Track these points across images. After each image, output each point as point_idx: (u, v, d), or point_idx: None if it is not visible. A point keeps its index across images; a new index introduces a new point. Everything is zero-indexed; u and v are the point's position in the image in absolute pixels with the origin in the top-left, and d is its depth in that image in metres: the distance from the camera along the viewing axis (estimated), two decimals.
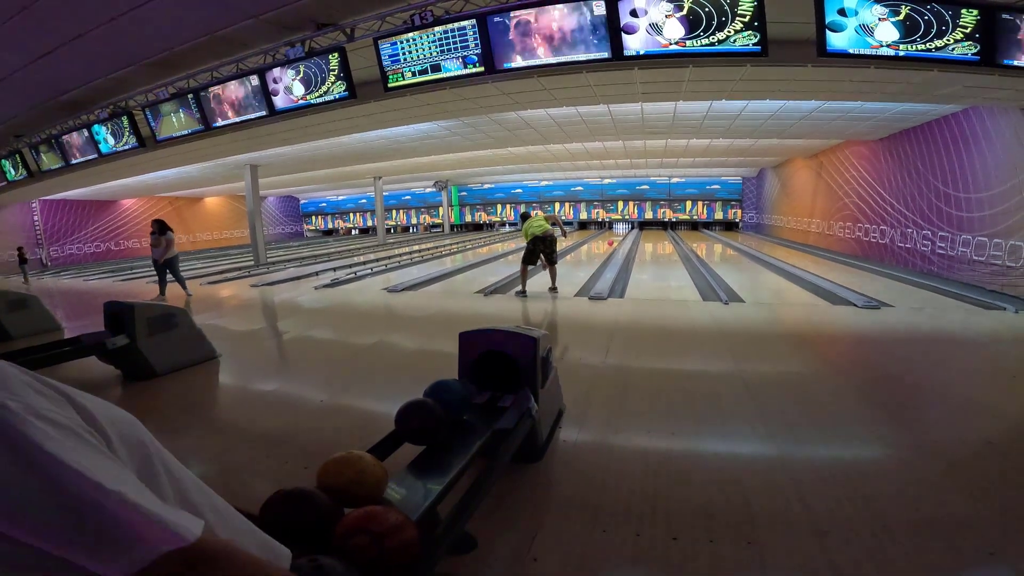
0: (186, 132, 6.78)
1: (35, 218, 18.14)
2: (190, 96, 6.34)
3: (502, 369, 2.58)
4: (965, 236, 8.26)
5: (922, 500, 2.20)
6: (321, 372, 4.35)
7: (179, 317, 4.51)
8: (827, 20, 3.75)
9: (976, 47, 3.81)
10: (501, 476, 2.12)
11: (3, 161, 9.78)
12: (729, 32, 3.81)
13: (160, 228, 8.63)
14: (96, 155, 8.02)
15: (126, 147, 7.58)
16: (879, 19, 3.76)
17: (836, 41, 3.79)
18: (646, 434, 2.93)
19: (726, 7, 3.77)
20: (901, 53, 3.83)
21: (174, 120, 6.75)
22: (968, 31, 3.78)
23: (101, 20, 4.74)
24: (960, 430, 2.96)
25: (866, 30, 3.77)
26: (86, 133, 7.81)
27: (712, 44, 3.89)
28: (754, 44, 3.80)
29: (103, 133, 7.64)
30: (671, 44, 3.99)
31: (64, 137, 8.21)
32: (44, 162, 9.01)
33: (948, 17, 3.75)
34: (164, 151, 8.93)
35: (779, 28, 4.16)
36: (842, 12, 3.76)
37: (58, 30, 4.93)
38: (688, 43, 3.94)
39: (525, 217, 7.67)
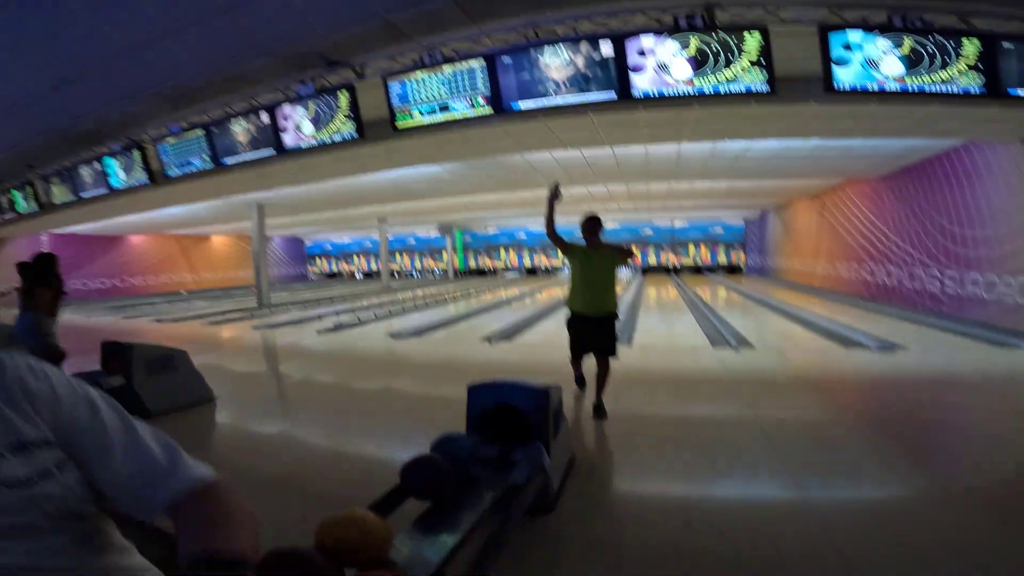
0: (196, 168, 6.84)
1: (42, 251, 18.25)
2: (201, 132, 6.42)
3: (512, 422, 2.50)
4: (974, 274, 8.16)
5: (957, 536, 2.15)
6: (323, 418, 4.24)
7: (178, 359, 4.43)
8: (833, 55, 3.78)
9: (981, 78, 3.82)
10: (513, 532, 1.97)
11: (14, 192, 9.82)
12: (736, 70, 3.84)
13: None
14: (107, 190, 8.05)
15: (136, 183, 7.63)
16: (884, 53, 3.78)
17: (843, 76, 3.82)
18: (663, 482, 2.81)
19: (732, 44, 3.83)
20: (908, 88, 3.84)
21: (184, 156, 6.82)
22: (971, 62, 3.80)
23: (121, 51, 4.86)
24: (988, 468, 2.92)
25: (872, 64, 3.80)
26: (97, 166, 7.85)
27: (719, 82, 3.92)
28: (763, 82, 3.82)
29: (114, 167, 7.68)
30: (679, 83, 4.02)
31: (75, 170, 8.24)
32: (55, 194, 9.06)
33: (951, 48, 3.78)
34: (173, 187, 9.06)
35: (784, 65, 4.20)
36: (847, 47, 3.80)
37: (79, 59, 5.03)
38: (696, 82, 3.98)
39: (567, 249, 3.97)
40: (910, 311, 9.55)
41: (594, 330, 3.78)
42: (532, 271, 26.65)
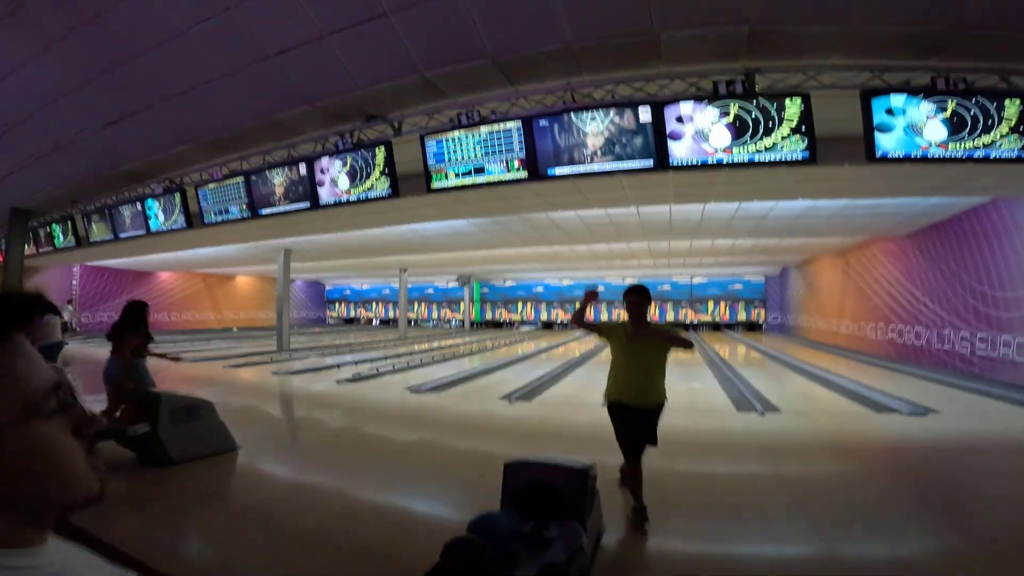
0: (233, 216, 6.96)
1: (73, 282, 18.67)
2: (240, 179, 6.55)
3: (548, 498, 2.51)
4: (1006, 336, 7.93)
5: None
6: (344, 471, 4.22)
7: (204, 410, 4.48)
8: (875, 121, 3.77)
9: (1022, 140, 3.75)
10: None
11: (55, 226, 10.06)
12: (776, 138, 3.86)
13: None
14: (144, 231, 8.16)
15: (174, 227, 7.75)
16: (927, 117, 3.76)
17: (885, 143, 3.79)
18: (694, 548, 2.78)
19: (772, 112, 3.85)
20: (951, 154, 3.78)
21: (222, 203, 6.96)
22: (1013, 124, 3.74)
23: (169, 94, 5.04)
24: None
25: (915, 130, 3.77)
26: (138, 207, 7.97)
27: (759, 151, 3.93)
28: (803, 150, 3.82)
29: (155, 209, 7.79)
30: (717, 152, 4.04)
31: (116, 209, 8.38)
32: (94, 232, 9.23)
33: (993, 110, 3.74)
34: (204, 231, 9.26)
35: (823, 127, 4.20)
36: (889, 112, 3.78)
37: (131, 98, 5.21)
38: (735, 151, 3.98)
39: (602, 331, 3.46)
40: (940, 372, 9.23)
41: (635, 420, 3.10)
42: (548, 325, 26.50)
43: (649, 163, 4.22)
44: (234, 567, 2.59)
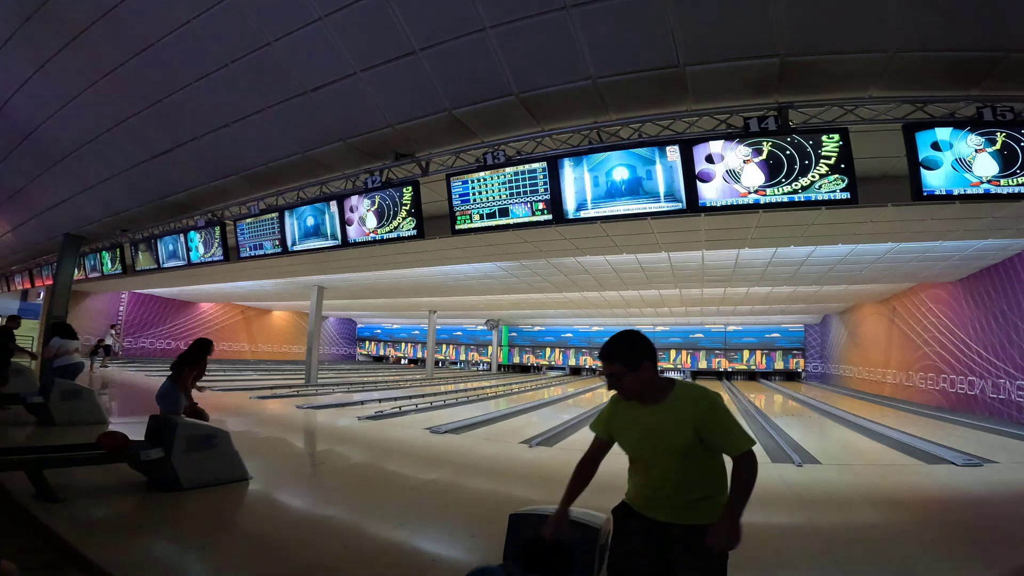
0: (266, 251, 7.11)
1: (121, 308, 19.44)
2: (275, 215, 6.75)
3: (553, 553, 2.24)
4: None
5: None
6: (355, 507, 4.09)
7: (219, 438, 4.46)
8: (920, 156, 3.55)
9: None
10: None
11: (104, 253, 10.46)
12: (813, 177, 3.67)
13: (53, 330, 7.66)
14: (185, 262, 8.45)
15: (213, 258, 7.99)
16: (976, 150, 3.51)
17: (932, 181, 3.54)
18: None
19: (808, 149, 3.68)
20: (1003, 190, 3.48)
21: (257, 238, 7.14)
22: None
23: (214, 126, 5.29)
24: None
25: (963, 165, 3.51)
26: (181, 239, 8.31)
27: (795, 192, 3.73)
28: (842, 190, 3.61)
29: (196, 240, 8.10)
30: (750, 193, 3.86)
31: (162, 240, 8.72)
32: (140, 260, 9.55)
33: None
34: (243, 264, 9.51)
35: (864, 164, 4.00)
36: (936, 146, 3.54)
37: (178, 130, 5.51)
38: (768, 191, 3.80)
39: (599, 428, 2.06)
40: (995, 422, 8.58)
41: (663, 550, 1.79)
42: (577, 371, 25.97)
43: (678, 205, 4.05)
44: None
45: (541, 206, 4.59)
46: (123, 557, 2.70)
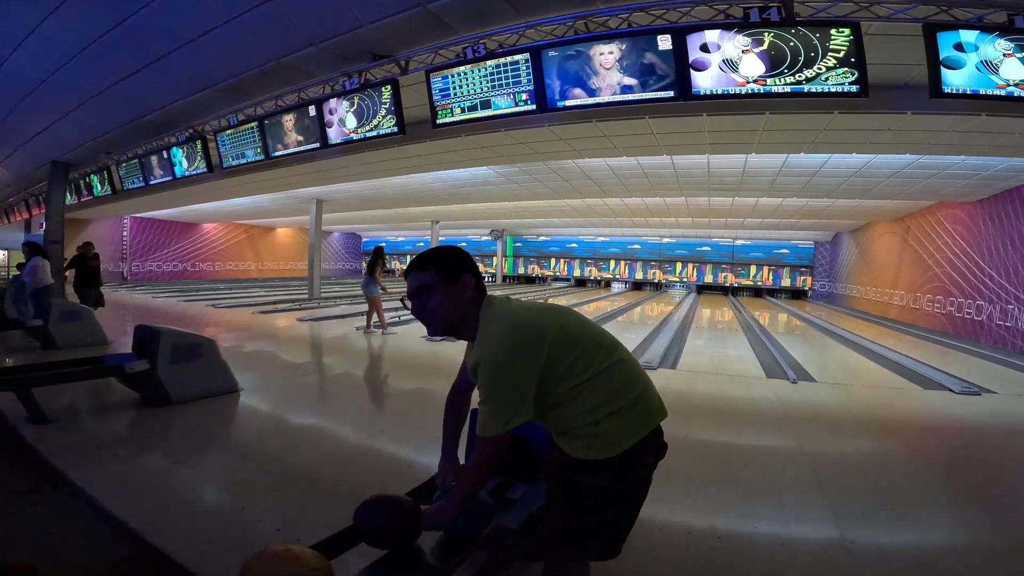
0: (248, 160, 7.00)
1: (124, 233, 19.63)
2: (254, 124, 6.55)
3: (518, 454, 2.09)
4: None
5: None
6: (350, 413, 4.21)
7: (204, 347, 4.41)
8: (942, 56, 3.17)
9: None
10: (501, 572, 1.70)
11: (92, 176, 10.59)
12: (820, 69, 3.31)
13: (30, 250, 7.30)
14: (171, 177, 8.46)
15: (196, 171, 7.96)
16: (1004, 55, 3.14)
17: (953, 79, 3.19)
18: (689, 520, 2.52)
19: (815, 42, 3.29)
20: None
21: (239, 148, 7.02)
22: None
23: (180, 42, 5.02)
24: None
25: (989, 67, 3.15)
26: (165, 155, 8.28)
27: (799, 83, 3.39)
28: (851, 83, 3.26)
29: (179, 156, 8.07)
30: (748, 83, 3.51)
31: (146, 158, 8.73)
32: (127, 181, 9.66)
33: None
34: (233, 180, 9.39)
35: (876, 71, 3.62)
36: (959, 47, 3.17)
37: (145, 49, 5.27)
38: (769, 81, 3.45)
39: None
40: (999, 351, 8.51)
41: None
42: (582, 282, 26.08)
43: (669, 93, 3.73)
44: (216, 505, 2.56)
45: (524, 96, 4.33)
46: (105, 476, 2.72)
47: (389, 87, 5.03)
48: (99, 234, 18.56)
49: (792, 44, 3.35)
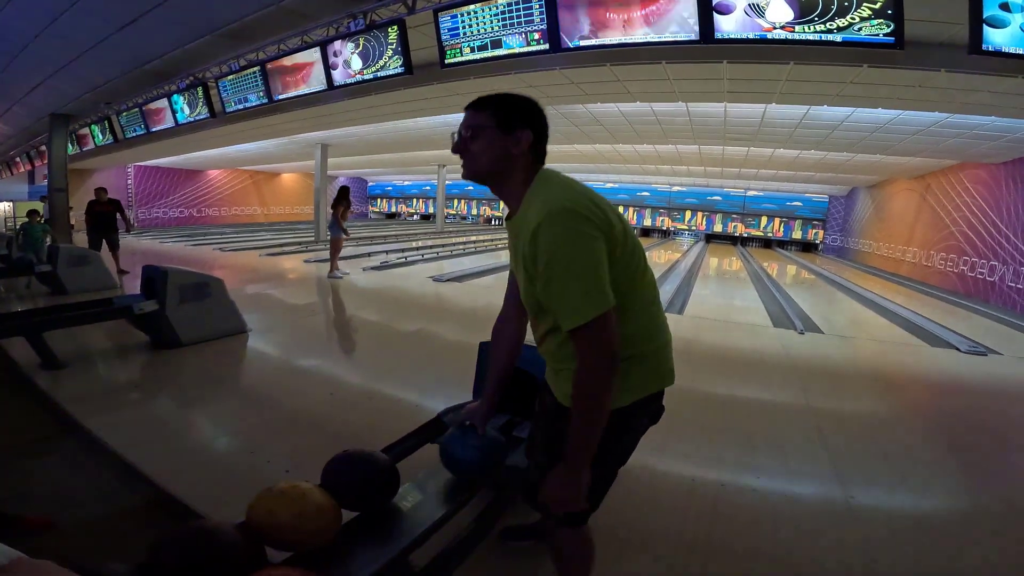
0: (252, 104, 6.80)
1: (128, 181, 19.46)
2: (256, 69, 6.32)
3: (526, 389, 1.93)
4: None
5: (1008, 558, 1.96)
6: (354, 355, 4.29)
7: (212, 287, 4.40)
8: (986, 14, 2.96)
9: None
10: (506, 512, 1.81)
11: (93, 127, 10.49)
12: (853, 19, 3.11)
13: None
14: (173, 124, 8.29)
15: (199, 117, 7.77)
16: None
17: (995, 38, 2.99)
18: (692, 470, 2.58)
19: None
20: None
21: (241, 92, 6.82)
22: None
23: None
24: None
25: None
26: (165, 102, 8.08)
27: (830, 31, 3.19)
28: (886, 34, 3.07)
29: (180, 103, 7.88)
30: (775, 28, 3.32)
31: (146, 106, 8.56)
32: (128, 129, 9.52)
33: None
34: (236, 125, 9.14)
35: (911, 27, 3.40)
36: (1005, 7, 2.96)
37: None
38: (798, 28, 3.26)
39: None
40: (1009, 313, 8.48)
41: None
42: None
43: (691, 35, 3.53)
44: (227, 449, 2.63)
45: (537, 36, 4.13)
46: (119, 422, 2.76)
47: (396, 27, 4.79)
48: (103, 183, 18.35)
49: None
